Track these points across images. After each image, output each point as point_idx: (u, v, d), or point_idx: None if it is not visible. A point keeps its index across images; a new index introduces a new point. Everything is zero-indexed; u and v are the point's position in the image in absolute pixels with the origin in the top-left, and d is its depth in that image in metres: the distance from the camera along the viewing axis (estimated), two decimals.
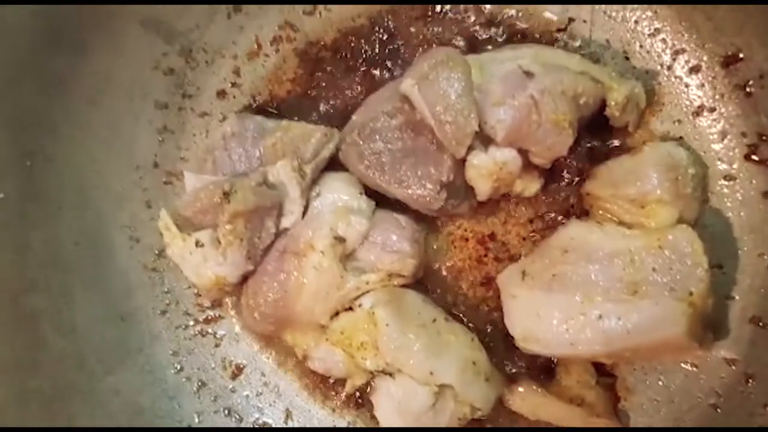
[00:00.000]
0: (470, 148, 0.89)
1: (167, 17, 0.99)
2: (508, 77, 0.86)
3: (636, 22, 0.93)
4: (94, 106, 0.99)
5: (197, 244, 0.96)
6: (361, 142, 0.95)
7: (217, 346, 1.06)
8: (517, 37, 0.97)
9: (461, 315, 0.99)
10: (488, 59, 0.91)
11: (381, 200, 0.97)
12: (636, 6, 0.92)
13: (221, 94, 1.06)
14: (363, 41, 1.03)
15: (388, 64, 1.02)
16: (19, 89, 0.90)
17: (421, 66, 0.87)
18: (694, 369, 0.92)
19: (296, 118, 1.03)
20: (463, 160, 0.91)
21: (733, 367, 0.90)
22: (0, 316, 0.91)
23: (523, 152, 0.90)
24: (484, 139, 0.89)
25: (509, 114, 0.85)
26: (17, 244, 0.94)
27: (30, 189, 0.95)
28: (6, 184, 0.92)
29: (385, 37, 1.02)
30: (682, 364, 0.93)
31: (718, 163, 0.92)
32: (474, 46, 0.98)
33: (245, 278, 0.98)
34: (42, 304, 0.95)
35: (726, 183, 0.92)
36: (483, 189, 0.92)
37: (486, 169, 0.90)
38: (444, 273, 1.00)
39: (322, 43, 1.04)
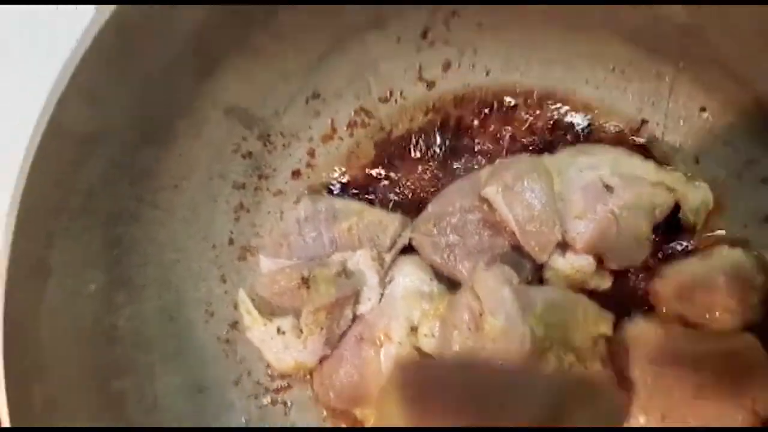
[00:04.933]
0: None
1: (249, 104, 1.02)
2: (588, 189, 0.90)
3: (710, 130, 0.96)
4: (177, 190, 1.02)
5: (278, 331, 1.00)
6: (437, 234, 0.99)
7: (286, 414, 1.10)
8: (588, 135, 1.00)
9: None
10: (565, 164, 0.94)
11: (452, 285, 1.01)
12: (711, 114, 0.95)
13: (296, 174, 1.09)
14: (436, 131, 1.05)
15: (460, 155, 1.05)
16: (113, 185, 0.93)
17: (505, 175, 0.91)
18: None
19: (369, 200, 1.06)
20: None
21: None
22: (90, 401, 0.94)
23: (597, 255, 0.93)
24: (562, 244, 0.92)
25: (590, 227, 0.89)
26: (107, 329, 0.97)
27: (117, 275, 0.98)
28: (97, 274, 0.95)
29: (457, 129, 1.05)
30: None
31: None
32: (545, 143, 1.01)
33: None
34: (127, 384, 0.99)
35: None
36: None
37: (563, 273, 0.93)
38: None
39: (396, 130, 1.07)
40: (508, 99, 1.04)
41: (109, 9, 0.77)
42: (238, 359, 1.10)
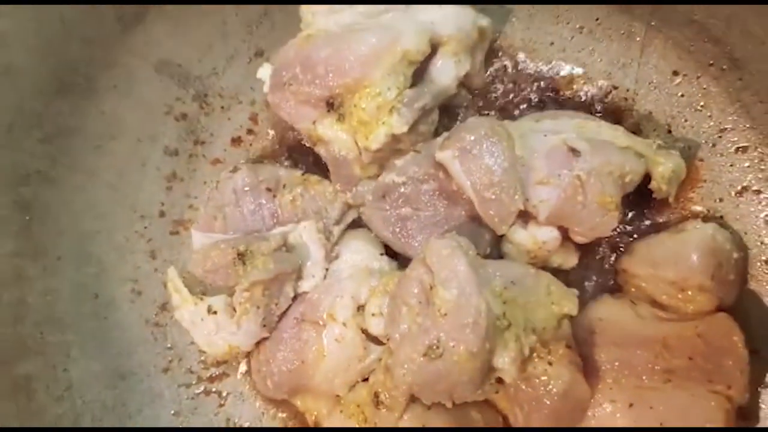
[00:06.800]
0: None
1: (183, 60, 0.93)
2: (552, 154, 0.82)
3: (682, 96, 0.89)
4: (100, 152, 0.92)
5: (209, 310, 0.90)
6: (387, 207, 0.90)
7: (221, 405, 1.00)
8: (553, 103, 0.93)
9: None
10: (527, 129, 0.86)
11: (403, 261, 0.92)
12: (683, 79, 0.88)
13: (236, 141, 1.00)
14: None
15: None
16: (21, 138, 0.83)
17: (462, 137, 0.82)
18: None
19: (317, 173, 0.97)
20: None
21: None
22: None
23: (562, 228, 0.85)
24: (523, 214, 0.84)
25: (554, 194, 0.81)
26: (11, 302, 0.86)
27: (27, 242, 0.88)
28: (4, 241, 0.84)
29: None
30: None
31: (759, 245, 0.88)
32: (507, 111, 0.93)
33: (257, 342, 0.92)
34: (37, 367, 0.88)
35: (766, 267, 0.88)
36: None
37: (525, 247, 0.85)
38: None
39: None
40: None
41: None
42: (168, 344, 1.00)
